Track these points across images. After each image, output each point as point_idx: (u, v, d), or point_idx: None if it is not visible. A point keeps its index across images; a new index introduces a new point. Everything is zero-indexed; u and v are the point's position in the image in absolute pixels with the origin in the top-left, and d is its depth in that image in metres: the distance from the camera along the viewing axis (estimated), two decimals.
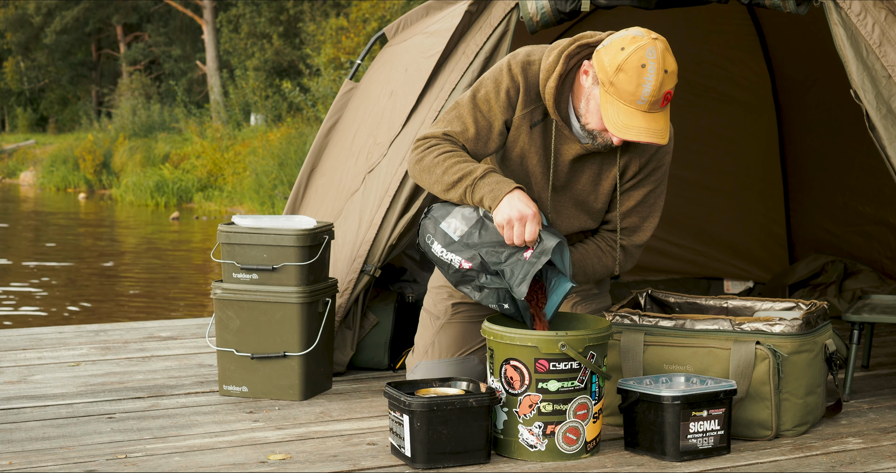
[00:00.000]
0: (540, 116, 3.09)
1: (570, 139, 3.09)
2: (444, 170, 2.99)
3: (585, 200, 3.19)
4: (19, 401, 3.53)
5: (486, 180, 2.93)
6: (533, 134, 3.10)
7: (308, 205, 4.31)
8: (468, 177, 2.96)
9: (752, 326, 3.11)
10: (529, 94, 3.07)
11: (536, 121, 3.09)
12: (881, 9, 3.39)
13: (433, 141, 3.07)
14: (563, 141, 3.10)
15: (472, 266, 2.96)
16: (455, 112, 3.11)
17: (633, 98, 2.85)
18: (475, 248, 2.96)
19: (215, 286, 3.59)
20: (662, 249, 5.57)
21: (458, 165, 2.98)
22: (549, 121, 3.10)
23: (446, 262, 3.01)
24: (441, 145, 3.04)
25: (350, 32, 20.07)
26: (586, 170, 3.15)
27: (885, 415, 3.40)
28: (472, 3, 3.88)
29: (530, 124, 3.09)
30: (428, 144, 3.07)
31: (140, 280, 11.21)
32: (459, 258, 2.98)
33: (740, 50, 5.44)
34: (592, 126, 3.01)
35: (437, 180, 3.01)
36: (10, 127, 35.80)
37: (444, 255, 3.01)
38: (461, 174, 2.96)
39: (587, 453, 2.93)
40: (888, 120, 3.32)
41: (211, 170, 19.48)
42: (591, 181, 3.17)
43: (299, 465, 2.86)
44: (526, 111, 3.08)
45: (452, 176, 2.98)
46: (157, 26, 32.97)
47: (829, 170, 5.34)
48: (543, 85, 3.03)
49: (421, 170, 3.06)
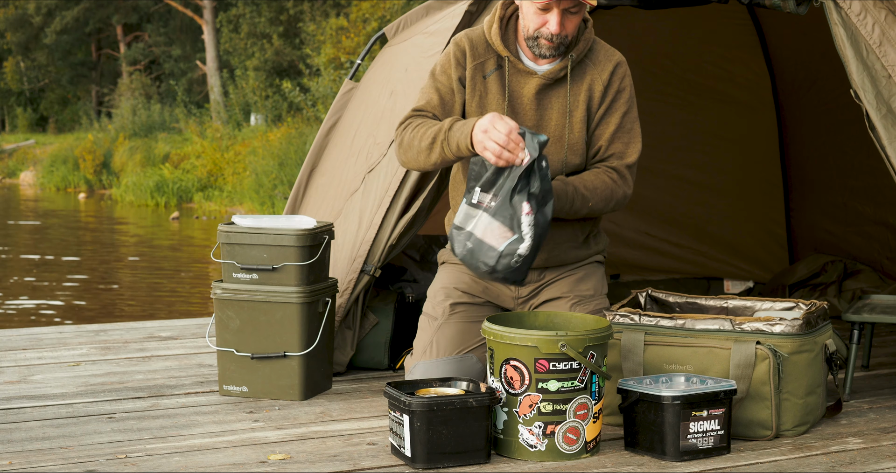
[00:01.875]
0: (493, 66, 3.30)
1: (526, 73, 3.28)
2: (420, 139, 3.19)
3: (562, 135, 3.30)
4: (19, 401, 3.53)
5: (454, 128, 3.11)
6: (488, 83, 3.29)
7: (308, 204, 4.31)
8: (440, 133, 3.14)
9: (753, 326, 3.11)
10: (476, 50, 3.30)
11: (490, 72, 3.29)
12: (881, 9, 3.39)
13: (406, 122, 3.29)
14: (519, 78, 3.28)
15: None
16: (420, 93, 3.35)
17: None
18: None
19: (215, 286, 3.59)
20: (662, 249, 5.57)
21: (429, 130, 3.18)
22: (503, 69, 3.29)
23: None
24: (412, 121, 3.27)
25: (350, 32, 20.07)
26: (553, 104, 3.29)
27: (885, 415, 3.40)
28: (472, 3, 3.88)
29: (483, 75, 3.29)
30: (402, 127, 3.29)
31: (140, 280, 11.22)
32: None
33: (740, 50, 5.44)
34: (532, 28, 3.21)
35: (417, 151, 3.20)
36: (10, 127, 35.79)
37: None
38: (433, 134, 3.16)
39: (587, 453, 2.93)
40: (888, 120, 3.32)
41: (211, 170, 19.48)
42: (561, 114, 3.30)
43: (299, 465, 2.86)
44: (476, 63, 3.29)
45: (427, 140, 3.17)
46: (157, 26, 32.97)
47: (829, 170, 5.34)
48: (488, 32, 3.30)
49: (404, 151, 3.26)
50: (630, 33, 5.08)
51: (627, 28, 5.07)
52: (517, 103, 3.29)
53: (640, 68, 4.61)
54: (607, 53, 3.35)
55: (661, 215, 5.49)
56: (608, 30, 4.70)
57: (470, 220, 3.04)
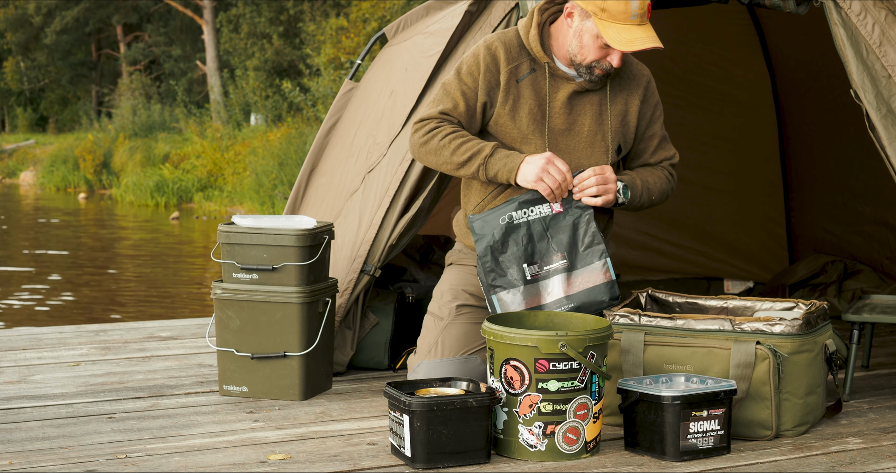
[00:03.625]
0: (527, 69, 3.33)
1: (562, 78, 3.32)
2: (452, 151, 3.26)
3: (594, 141, 3.36)
4: (19, 401, 3.53)
5: (496, 157, 3.23)
6: (521, 87, 3.32)
7: (308, 204, 4.31)
8: (478, 156, 3.24)
9: (753, 326, 3.11)
10: (511, 53, 3.33)
11: (524, 75, 3.32)
12: (881, 9, 3.39)
13: (433, 123, 3.31)
14: (556, 82, 3.32)
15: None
16: (443, 90, 3.36)
17: (625, 16, 3.17)
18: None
19: (215, 286, 3.59)
20: (662, 249, 5.57)
21: (464, 145, 3.25)
22: (538, 73, 3.31)
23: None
24: (442, 127, 3.30)
25: (350, 32, 20.06)
26: (587, 109, 3.35)
27: (885, 415, 3.40)
28: (472, 3, 3.88)
29: (517, 79, 3.32)
30: (429, 127, 3.31)
31: (140, 280, 11.22)
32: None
33: (740, 50, 5.44)
34: (590, 58, 3.25)
35: (446, 161, 3.28)
36: (10, 127, 35.80)
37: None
38: (470, 154, 3.24)
39: (587, 453, 2.93)
40: (888, 120, 3.32)
41: (211, 170, 19.47)
42: (594, 120, 3.35)
43: (299, 465, 2.86)
44: (510, 67, 3.32)
45: (461, 156, 3.25)
46: (157, 26, 32.97)
47: (829, 170, 5.34)
48: (526, 37, 3.33)
49: (427, 153, 3.32)
50: None
51: None
52: (550, 107, 3.32)
53: None
54: (639, 68, 3.45)
55: (661, 215, 5.49)
56: None
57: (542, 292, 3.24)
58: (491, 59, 3.31)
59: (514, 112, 3.31)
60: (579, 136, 3.34)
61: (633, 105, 3.40)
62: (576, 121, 3.34)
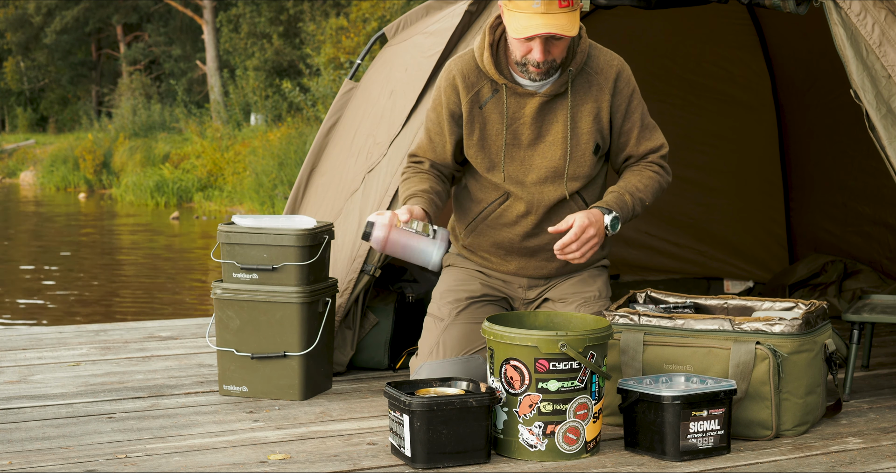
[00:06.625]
0: (489, 93, 3.28)
1: (526, 95, 3.26)
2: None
3: (565, 148, 3.28)
4: (19, 401, 3.53)
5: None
6: (486, 112, 3.30)
7: (308, 204, 4.31)
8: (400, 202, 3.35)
9: (752, 326, 3.11)
10: (468, 80, 3.29)
11: (486, 99, 3.28)
12: (881, 9, 3.39)
13: (404, 166, 3.43)
14: (519, 100, 3.26)
15: None
16: (424, 124, 3.43)
17: (528, 4, 3.07)
18: None
19: (215, 286, 3.59)
20: (662, 249, 5.57)
21: (403, 193, 3.34)
22: (501, 93, 3.27)
23: None
24: (406, 172, 3.40)
25: (350, 32, 20.06)
26: (558, 117, 3.28)
27: (885, 415, 3.40)
28: (472, 3, 3.88)
29: (479, 105, 3.29)
30: (402, 173, 3.42)
31: (140, 279, 11.22)
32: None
33: (740, 50, 5.44)
34: (518, 56, 3.18)
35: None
36: (10, 127, 35.79)
37: None
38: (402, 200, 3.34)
39: (587, 453, 2.93)
40: (888, 120, 3.32)
41: (211, 169, 19.47)
42: (566, 125, 3.27)
43: (299, 465, 2.86)
44: (470, 95, 3.28)
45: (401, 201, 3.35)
46: (157, 26, 32.96)
47: (828, 170, 5.34)
48: (480, 60, 3.26)
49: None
50: (630, 33, 5.08)
51: (627, 28, 5.07)
52: (518, 124, 3.27)
53: (641, 68, 4.58)
54: (607, 59, 3.31)
55: (661, 215, 5.49)
56: (608, 30, 4.71)
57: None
58: (452, 91, 3.29)
59: (483, 141, 3.29)
60: (553, 147, 3.27)
61: (604, 101, 3.28)
62: (549, 132, 3.27)
